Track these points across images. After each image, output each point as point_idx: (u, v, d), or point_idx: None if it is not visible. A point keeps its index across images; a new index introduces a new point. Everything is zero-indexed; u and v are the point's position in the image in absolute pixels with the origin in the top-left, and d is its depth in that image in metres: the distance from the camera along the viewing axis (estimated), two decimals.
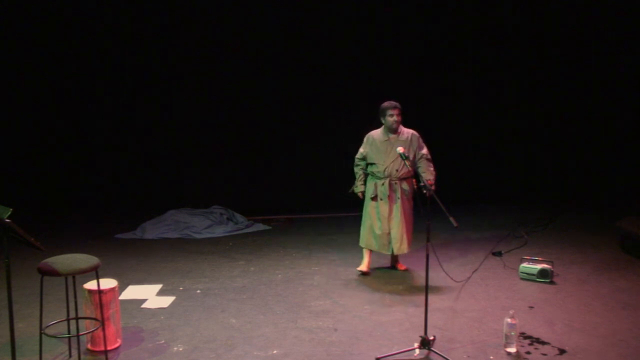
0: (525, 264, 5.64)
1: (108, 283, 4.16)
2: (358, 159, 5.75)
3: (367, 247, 5.75)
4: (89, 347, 4.18)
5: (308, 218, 8.43)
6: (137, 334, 4.47)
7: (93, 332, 4.07)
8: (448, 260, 6.07)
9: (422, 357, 4.02)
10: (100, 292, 3.93)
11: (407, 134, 5.61)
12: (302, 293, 5.34)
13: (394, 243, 5.60)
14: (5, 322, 4.13)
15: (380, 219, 5.59)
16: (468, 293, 5.26)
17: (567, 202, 8.81)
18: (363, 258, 5.83)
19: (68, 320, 4.14)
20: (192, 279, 5.78)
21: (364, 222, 5.74)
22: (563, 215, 8.09)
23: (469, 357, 4.02)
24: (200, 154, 8.99)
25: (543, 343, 4.22)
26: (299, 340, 4.33)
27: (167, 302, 5.15)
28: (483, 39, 9.02)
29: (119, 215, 8.39)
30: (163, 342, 4.34)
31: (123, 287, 5.46)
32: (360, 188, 5.74)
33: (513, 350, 4.06)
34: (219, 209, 8.14)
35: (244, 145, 8.99)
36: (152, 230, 7.59)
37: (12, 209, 3.32)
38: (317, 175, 8.65)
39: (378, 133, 5.65)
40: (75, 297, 4.09)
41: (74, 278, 3.90)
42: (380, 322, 4.65)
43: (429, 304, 4.15)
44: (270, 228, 7.93)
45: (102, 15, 8.71)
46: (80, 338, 4.12)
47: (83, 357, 4.09)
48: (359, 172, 5.76)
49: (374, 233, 5.65)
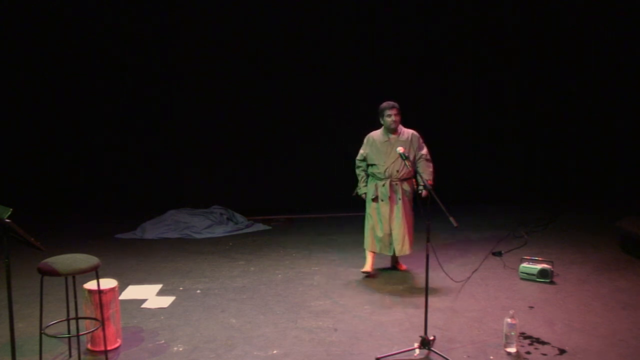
0: (525, 264, 5.64)
1: (108, 283, 4.17)
2: (359, 161, 5.72)
3: (370, 250, 5.70)
4: (89, 347, 4.19)
5: (308, 218, 8.43)
6: (137, 334, 4.47)
7: (93, 332, 4.07)
8: (448, 260, 6.07)
9: (422, 357, 4.02)
10: (100, 292, 3.93)
11: (407, 134, 5.59)
12: (302, 293, 5.34)
13: (396, 244, 5.57)
14: (5, 322, 4.13)
15: (382, 220, 5.57)
16: (468, 293, 5.26)
17: (567, 202, 8.80)
18: (366, 259, 5.77)
19: (68, 320, 4.15)
20: (192, 279, 5.78)
21: (366, 224, 5.71)
22: (563, 215, 8.09)
23: (469, 357, 4.02)
24: (200, 154, 8.99)
25: (543, 343, 4.22)
26: (299, 340, 4.33)
27: (167, 302, 5.15)
28: (483, 39, 9.01)
29: (119, 215, 8.39)
30: (163, 342, 4.34)
31: (123, 287, 5.46)
32: (364, 190, 5.70)
33: (513, 350, 4.06)
34: (219, 209, 8.14)
35: (244, 145, 8.99)
36: (152, 230, 7.59)
37: (12, 209, 3.32)
38: (317, 175, 8.65)
39: (378, 134, 5.62)
40: (75, 297, 4.09)
41: (74, 278, 3.90)
42: (380, 322, 4.65)
43: (429, 304, 4.15)
44: (270, 228, 7.93)
45: (102, 15, 8.71)
46: (80, 338, 4.13)
47: (83, 357, 4.09)
48: (361, 173, 5.72)
49: (376, 235, 5.61)
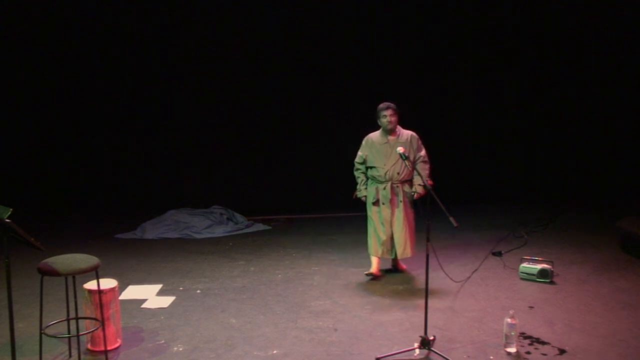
0: (525, 264, 5.63)
1: (108, 283, 4.17)
2: (358, 163, 5.66)
3: (374, 254, 5.65)
4: (89, 347, 4.19)
5: (308, 218, 8.43)
6: (137, 334, 4.47)
7: (93, 332, 4.07)
8: (448, 260, 6.07)
9: (422, 357, 4.02)
10: (100, 292, 3.93)
11: (406, 135, 5.55)
12: (302, 293, 5.34)
13: (398, 247, 5.54)
14: (5, 322, 4.13)
15: (383, 224, 5.53)
16: (468, 293, 5.26)
17: (567, 202, 8.80)
18: (372, 262, 5.71)
19: (68, 320, 4.15)
20: (192, 279, 5.78)
21: (369, 228, 5.66)
22: (563, 215, 8.09)
23: (469, 357, 4.02)
24: (200, 154, 8.99)
25: (543, 343, 4.22)
26: (299, 340, 4.33)
27: (167, 302, 5.15)
28: (483, 39, 9.01)
29: (119, 215, 8.39)
30: (163, 342, 4.34)
31: (123, 287, 5.46)
32: (364, 192, 5.64)
33: (513, 350, 4.06)
34: (219, 209, 8.14)
35: (244, 145, 8.99)
36: (152, 230, 7.59)
37: (12, 209, 3.32)
38: (317, 175, 8.65)
39: (377, 135, 5.58)
40: (75, 297, 4.09)
41: (74, 278, 3.90)
42: (380, 322, 4.65)
43: (429, 304, 4.15)
44: (270, 228, 7.93)
45: (102, 15, 8.71)
46: (80, 338, 4.13)
47: (83, 357, 4.09)
48: (360, 175, 5.67)
49: (379, 238, 5.56)
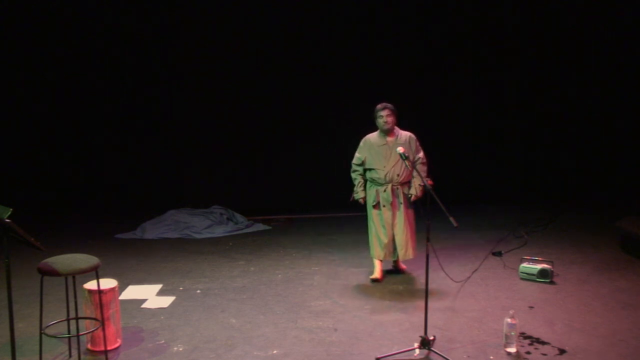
0: (525, 264, 5.63)
1: (108, 283, 4.17)
2: (355, 165, 5.59)
3: (377, 257, 5.62)
4: (89, 347, 4.19)
5: (308, 218, 8.43)
6: (137, 334, 4.48)
7: (93, 332, 4.07)
8: (448, 260, 6.06)
9: (422, 357, 4.02)
10: (100, 292, 3.93)
11: (405, 137, 5.50)
12: (302, 293, 5.34)
13: (399, 249, 5.51)
14: (5, 322, 4.13)
15: (385, 226, 5.49)
16: (468, 293, 5.26)
17: (567, 202, 8.80)
18: (374, 266, 5.67)
19: (68, 320, 4.15)
20: (192, 279, 5.78)
21: (370, 231, 5.62)
22: (563, 215, 8.09)
23: (469, 357, 4.02)
24: (200, 154, 8.99)
25: (543, 343, 4.22)
26: (299, 340, 4.33)
27: (167, 302, 5.15)
28: (483, 39, 9.01)
29: (119, 215, 8.39)
30: (163, 342, 4.34)
31: (123, 287, 5.46)
32: (361, 194, 5.58)
33: (513, 350, 4.07)
34: (219, 209, 8.14)
35: (244, 145, 8.99)
36: (152, 230, 7.59)
37: (12, 209, 3.32)
38: (317, 175, 8.65)
39: (374, 137, 5.53)
40: (75, 297, 4.09)
41: (74, 278, 3.90)
42: (380, 322, 4.65)
43: (429, 304, 4.15)
44: (270, 228, 7.93)
45: (102, 15, 8.71)
46: (80, 338, 4.13)
47: (83, 357, 4.09)
48: (358, 177, 5.60)
49: (381, 241, 5.52)
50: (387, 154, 5.43)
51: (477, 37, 9.01)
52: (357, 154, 5.60)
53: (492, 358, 4.01)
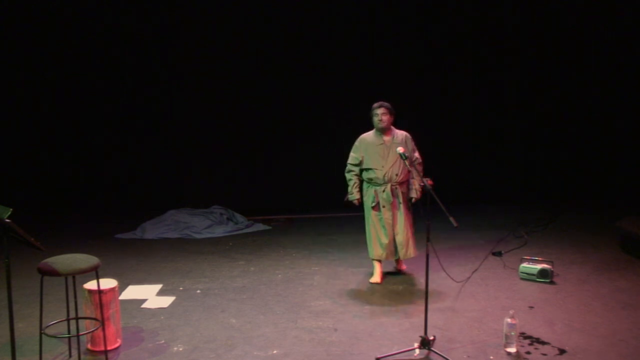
0: (525, 264, 5.63)
1: (108, 283, 4.17)
2: (352, 165, 5.50)
3: (376, 258, 5.56)
4: (89, 347, 4.19)
5: (308, 218, 8.43)
6: (137, 334, 4.48)
7: (93, 332, 4.07)
8: (448, 260, 6.06)
9: (422, 357, 4.02)
10: (100, 292, 3.93)
11: (401, 136, 5.46)
12: (302, 293, 5.34)
13: (400, 249, 5.48)
14: (5, 322, 4.13)
15: (385, 227, 5.43)
16: (468, 293, 5.26)
17: (567, 202, 8.80)
18: (374, 269, 5.64)
19: (68, 320, 4.15)
20: (192, 279, 5.78)
21: (369, 232, 5.54)
22: (563, 215, 8.09)
23: (469, 357, 4.02)
24: (200, 154, 8.99)
25: (543, 343, 4.22)
26: (299, 340, 4.33)
27: (167, 302, 5.15)
28: (483, 39, 9.01)
29: (119, 215, 8.39)
30: (163, 342, 4.34)
31: (123, 287, 5.46)
32: (357, 195, 5.50)
33: (513, 350, 4.07)
34: (219, 209, 8.14)
35: (244, 145, 8.99)
36: (152, 230, 7.59)
37: (12, 209, 3.32)
38: (317, 175, 8.65)
39: (371, 136, 5.48)
40: (75, 297, 4.09)
41: (74, 278, 3.90)
42: (380, 322, 4.65)
43: (429, 304, 4.15)
44: (270, 228, 7.93)
45: (102, 15, 8.71)
46: (80, 338, 4.13)
47: (83, 357, 4.09)
48: (353, 178, 5.51)
49: (381, 242, 5.47)
50: (384, 154, 5.39)
51: (477, 37, 9.01)
52: (353, 154, 5.52)
53: (492, 358, 4.01)
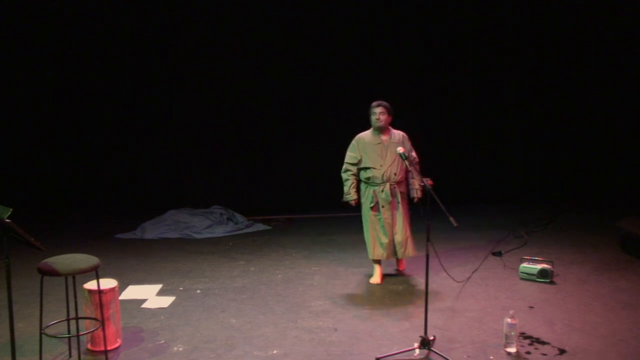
0: (525, 264, 5.63)
1: (108, 283, 4.17)
2: (350, 164, 5.46)
3: (377, 257, 5.54)
4: (89, 347, 4.19)
5: (308, 218, 8.43)
6: (137, 334, 4.48)
7: (93, 332, 4.07)
8: (448, 260, 6.06)
9: (422, 357, 4.02)
10: (100, 292, 3.93)
11: (398, 136, 5.45)
12: (302, 293, 5.34)
13: (399, 249, 5.45)
14: (5, 322, 4.13)
15: (385, 226, 5.41)
16: (468, 293, 5.26)
17: (567, 202, 8.80)
18: (374, 269, 5.63)
19: (68, 320, 4.15)
20: (192, 279, 5.78)
21: (368, 233, 5.51)
22: (563, 215, 8.09)
23: (469, 357, 4.02)
24: (200, 154, 8.99)
25: (543, 343, 4.22)
26: (299, 340, 4.33)
27: (167, 302, 5.15)
28: (483, 39, 9.01)
29: (119, 215, 8.39)
30: (163, 342, 4.34)
31: (123, 287, 5.46)
32: (354, 196, 5.46)
33: (513, 350, 4.06)
34: (219, 209, 8.14)
35: (244, 145, 8.99)
36: (152, 230, 7.59)
37: (12, 209, 3.32)
38: (317, 175, 8.63)
39: (368, 135, 5.46)
40: (75, 297, 4.09)
41: (74, 278, 3.90)
42: (380, 322, 4.65)
43: (429, 304, 4.15)
44: (270, 228, 7.93)
45: (102, 15, 8.71)
46: (80, 338, 4.13)
47: (83, 357, 4.09)
48: (350, 178, 5.46)
49: (381, 242, 5.44)
50: (382, 153, 5.37)
51: (477, 37, 9.01)
52: (351, 153, 5.49)
53: (492, 358, 4.01)
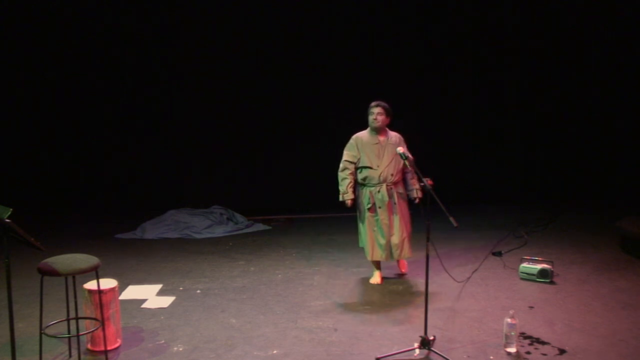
0: (525, 264, 5.63)
1: (108, 283, 4.17)
2: (348, 162, 5.41)
3: (374, 259, 5.52)
4: (89, 347, 4.19)
5: (308, 218, 8.43)
6: (137, 334, 4.47)
7: (93, 332, 4.07)
8: (448, 260, 6.06)
9: (422, 357, 4.02)
10: (100, 292, 3.93)
11: (395, 137, 5.44)
12: (302, 293, 5.34)
13: (394, 250, 5.43)
14: (5, 322, 4.13)
15: (382, 227, 5.39)
16: (468, 293, 5.26)
17: (567, 202, 8.80)
18: (374, 271, 5.62)
19: (68, 320, 4.15)
20: (192, 279, 5.78)
21: (365, 234, 5.48)
22: (563, 215, 8.09)
23: (469, 357, 4.02)
24: (200, 154, 8.99)
25: (543, 343, 4.22)
26: (299, 340, 4.33)
27: (167, 302, 5.15)
28: (483, 39, 9.01)
29: (119, 215, 8.39)
30: (163, 342, 4.34)
31: (123, 287, 5.46)
32: (351, 195, 5.41)
33: (513, 350, 4.06)
34: (219, 209, 8.14)
35: (244, 145, 8.99)
36: (152, 230, 7.59)
37: (12, 209, 3.32)
38: (317, 175, 8.62)
39: (366, 135, 5.44)
40: (75, 297, 4.09)
41: (74, 278, 3.90)
42: (380, 322, 4.65)
43: (429, 304, 4.15)
44: (270, 228, 7.93)
45: (102, 15, 8.72)
46: (80, 338, 4.13)
47: (83, 357, 4.09)
48: (348, 177, 5.38)
49: (379, 243, 5.42)
50: (380, 153, 5.36)
51: (477, 37, 9.01)
52: (349, 152, 5.45)
53: (492, 358, 4.01)
